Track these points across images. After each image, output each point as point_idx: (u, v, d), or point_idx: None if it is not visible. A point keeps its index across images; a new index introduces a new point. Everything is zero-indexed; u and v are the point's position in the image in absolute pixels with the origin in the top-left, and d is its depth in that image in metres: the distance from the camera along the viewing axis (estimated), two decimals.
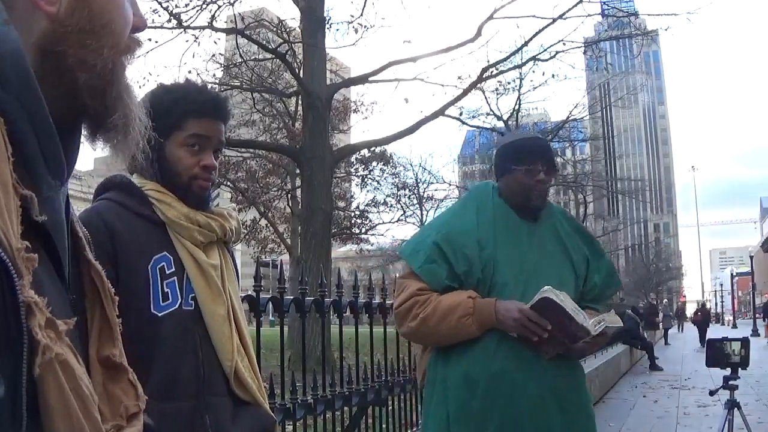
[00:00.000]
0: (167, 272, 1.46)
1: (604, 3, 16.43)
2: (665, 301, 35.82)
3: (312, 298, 2.87)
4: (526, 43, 15.37)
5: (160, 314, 1.43)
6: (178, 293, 1.46)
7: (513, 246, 2.10)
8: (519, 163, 2.13)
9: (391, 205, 26.57)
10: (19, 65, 0.60)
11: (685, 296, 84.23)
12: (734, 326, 42.57)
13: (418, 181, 27.90)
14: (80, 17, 0.66)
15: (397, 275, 2.26)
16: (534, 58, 16.16)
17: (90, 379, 0.68)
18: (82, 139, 0.73)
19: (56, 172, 0.66)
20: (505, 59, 15.69)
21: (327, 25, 13.11)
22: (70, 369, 0.59)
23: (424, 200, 28.21)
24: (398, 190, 26.67)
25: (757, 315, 33.35)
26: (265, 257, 24.76)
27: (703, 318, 23.36)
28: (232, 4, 13.26)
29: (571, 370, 2.12)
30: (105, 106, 0.69)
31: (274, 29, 14.32)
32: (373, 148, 21.94)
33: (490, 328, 2.00)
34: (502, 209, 2.15)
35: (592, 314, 2.06)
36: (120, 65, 0.70)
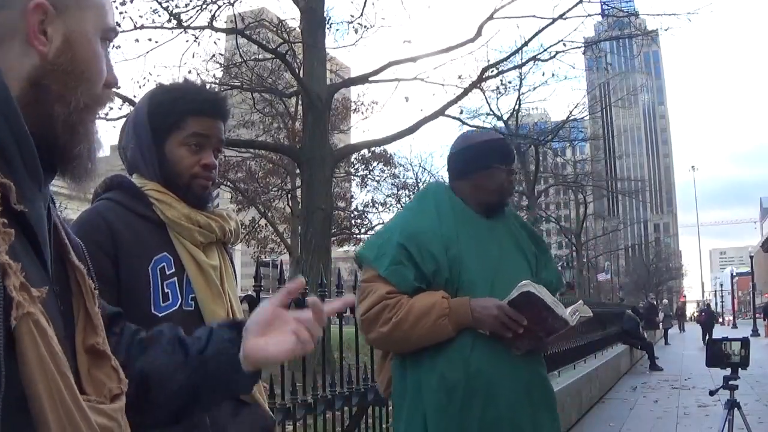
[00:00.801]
0: (167, 273, 1.46)
1: (604, 3, 16.43)
2: (665, 301, 35.78)
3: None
4: (526, 43, 15.39)
5: (160, 315, 1.42)
6: (179, 294, 1.46)
7: (476, 244, 2.08)
8: (500, 162, 2.15)
9: (391, 206, 26.58)
10: None
11: (685, 296, 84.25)
12: (734, 326, 42.55)
13: (418, 181, 27.88)
14: (65, 60, 0.81)
15: (361, 280, 2.10)
16: (534, 58, 16.16)
17: (74, 355, 0.80)
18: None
19: (33, 174, 0.77)
20: (505, 59, 15.70)
21: (327, 25, 13.11)
22: (42, 329, 0.68)
23: None
24: (398, 190, 26.67)
25: (757, 315, 33.35)
26: (265, 257, 24.74)
27: (707, 318, 23.70)
28: (232, 4, 13.26)
29: (538, 365, 2.13)
30: (73, 139, 0.82)
31: (274, 29, 14.32)
32: (373, 148, 21.95)
33: (464, 328, 1.97)
34: (461, 207, 2.14)
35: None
36: (91, 109, 0.85)
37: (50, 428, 0.67)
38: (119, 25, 11.41)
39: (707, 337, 17.14)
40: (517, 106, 23.32)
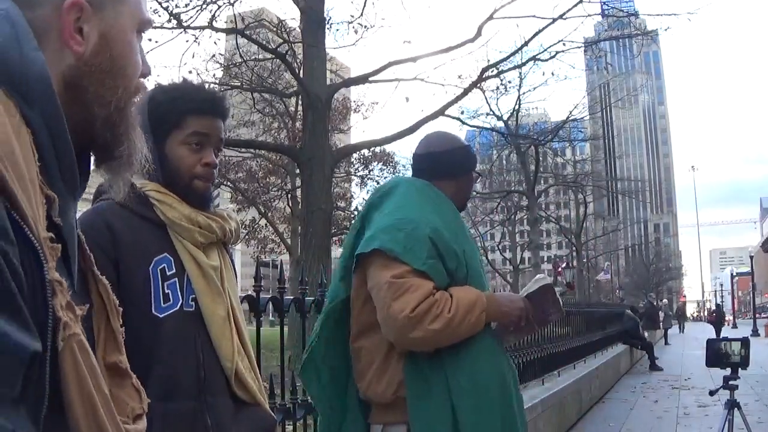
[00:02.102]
0: (168, 273, 1.46)
1: (604, 3, 16.42)
2: (665, 301, 35.79)
3: (312, 298, 2.87)
4: (526, 43, 15.38)
5: (161, 315, 1.43)
6: (179, 294, 1.46)
7: (470, 242, 2.13)
8: (475, 168, 2.22)
9: None
10: (45, 85, 0.69)
11: (685, 296, 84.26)
12: (734, 326, 42.53)
13: None
14: (102, 59, 0.77)
15: (390, 276, 1.90)
16: (534, 58, 16.17)
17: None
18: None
19: (70, 183, 0.74)
20: (505, 59, 15.69)
21: (327, 25, 13.10)
22: (85, 349, 0.66)
23: None
24: None
25: (757, 315, 33.41)
26: (265, 257, 24.76)
27: (718, 318, 25.63)
28: (232, 4, 13.25)
29: None
30: (114, 138, 0.79)
31: (274, 29, 14.32)
32: (373, 148, 21.95)
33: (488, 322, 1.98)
34: (453, 205, 2.13)
35: None
36: (130, 104, 0.81)
37: None
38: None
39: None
40: (517, 106, 23.30)
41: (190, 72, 14.55)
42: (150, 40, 12.60)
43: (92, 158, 0.82)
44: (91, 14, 0.75)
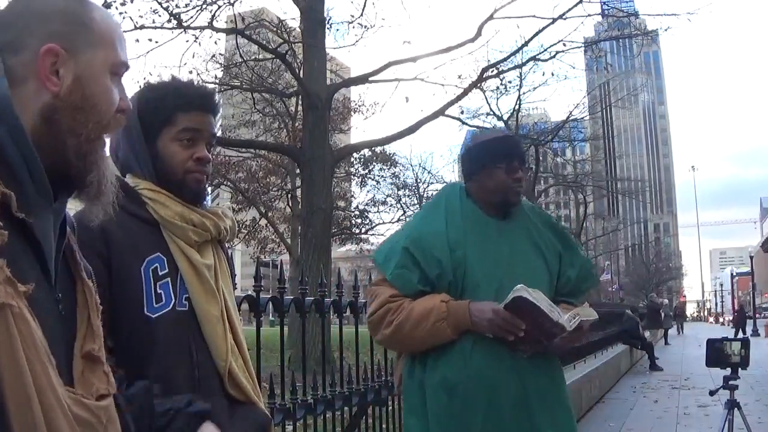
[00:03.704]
0: (160, 273, 1.44)
1: (604, 3, 16.44)
2: (665, 301, 35.73)
3: (312, 298, 2.87)
4: (526, 43, 15.41)
5: (153, 315, 1.41)
6: (172, 294, 1.44)
7: (484, 245, 2.08)
8: (498, 161, 2.12)
9: (391, 205, 26.60)
10: (6, 103, 0.82)
11: (685, 296, 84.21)
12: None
13: (418, 180, 27.89)
14: (75, 97, 0.88)
15: (372, 284, 2.20)
16: (534, 58, 16.19)
17: (72, 359, 0.88)
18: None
19: (41, 188, 0.84)
20: (505, 59, 15.73)
21: (327, 25, 13.12)
22: (24, 320, 0.74)
23: (424, 200, 28.19)
24: (398, 190, 26.70)
25: (757, 315, 33.50)
26: (265, 257, 24.76)
27: (740, 317, 27.74)
28: (232, 4, 13.27)
29: (549, 367, 2.11)
30: (85, 166, 0.89)
31: (274, 29, 14.34)
32: (373, 148, 21.95)
33: (465, 330, 1.98)
34: (471, 209, 2.14)
35: (566, 309, 2.04)
36: (101, 138, 0.92)
37: (9, 415, 0.71)
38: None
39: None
40: (517, 106, 23.30)
41: (191, 72, 14.56)
42: (150, 40, 12.62)
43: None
44: (66, 58, 0.88)
